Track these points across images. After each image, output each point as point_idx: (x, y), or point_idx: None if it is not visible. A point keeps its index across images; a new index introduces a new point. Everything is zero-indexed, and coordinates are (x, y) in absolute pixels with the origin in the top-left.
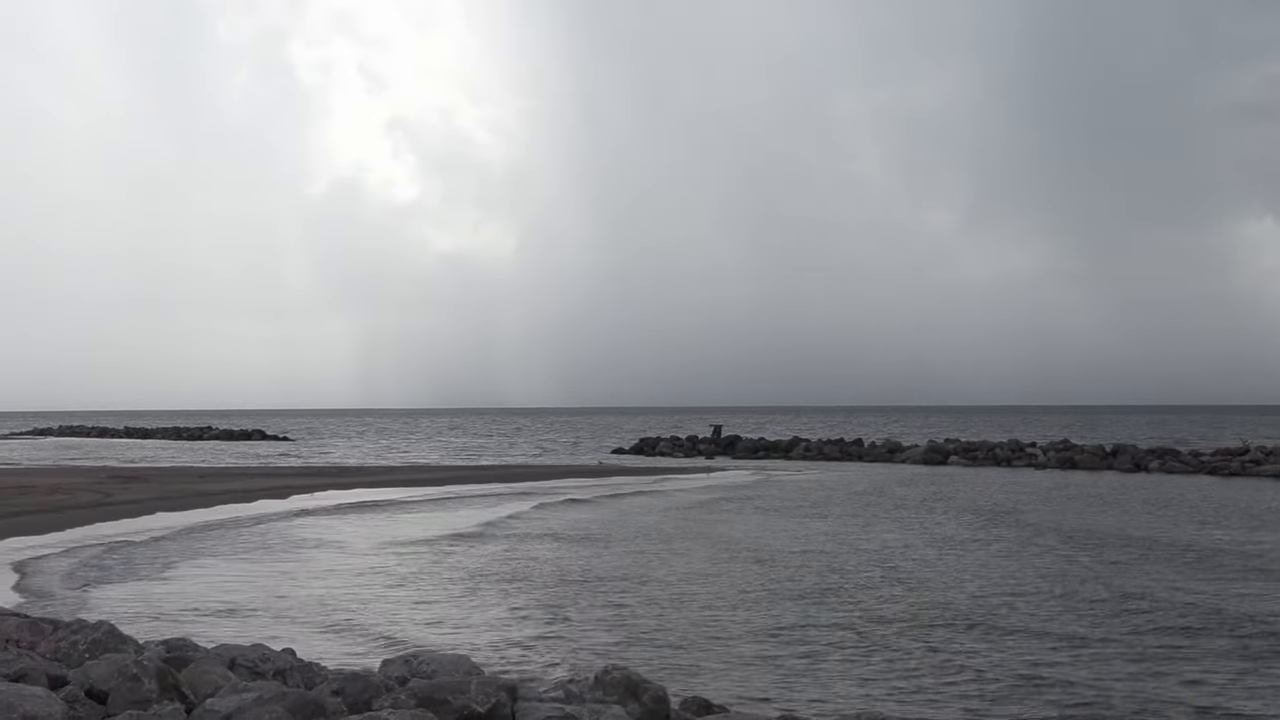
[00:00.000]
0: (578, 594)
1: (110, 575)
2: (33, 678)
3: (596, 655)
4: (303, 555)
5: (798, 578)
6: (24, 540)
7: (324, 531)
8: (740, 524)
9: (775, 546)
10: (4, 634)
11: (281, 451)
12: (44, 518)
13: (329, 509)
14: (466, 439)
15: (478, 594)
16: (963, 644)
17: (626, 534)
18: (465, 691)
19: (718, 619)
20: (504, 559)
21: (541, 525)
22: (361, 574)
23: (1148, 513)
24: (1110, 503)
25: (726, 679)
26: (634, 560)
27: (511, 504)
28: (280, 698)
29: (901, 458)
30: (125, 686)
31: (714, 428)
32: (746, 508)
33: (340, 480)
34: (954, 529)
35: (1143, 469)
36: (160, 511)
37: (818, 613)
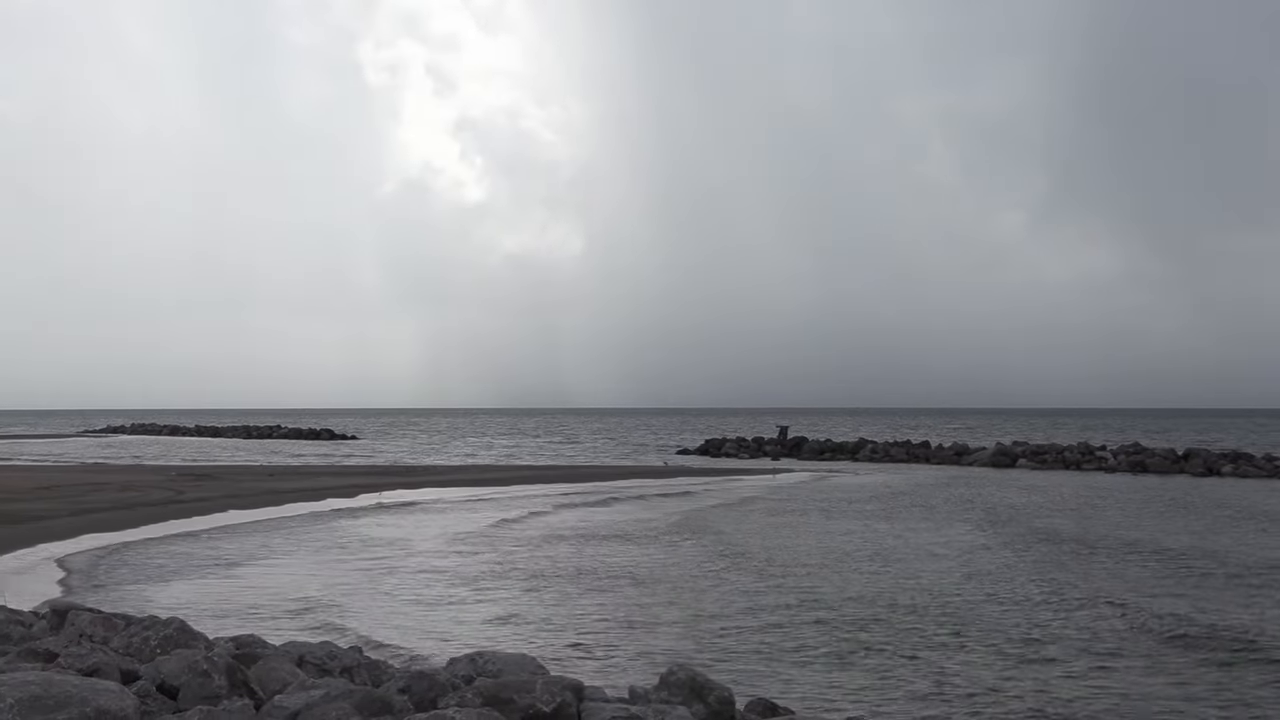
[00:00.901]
0: (643, 595)
1: (180, 572)
2: (106, 672)
3: (662, 656)
4: (369, 554)
5: (871, 583)
6: (97, 537)
7: (391, 530)
8: (808, 526)
9: (845, 550)
10: (78, 629)
11: (349, 450)
12: (116, 515)
13: (396, 508)
14: (531, 439)
15: (543, 593)
16: (1058, 656)
17: (692, 535)
18: (530, 691)
19: (786, 621)
20: (569, 559)
21: (607, 526)
22: (427, 573)
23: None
24: (1187, 508)
25: (793, 682)
26: (700, 562)
27: (577, 504)
28: (347, 695)
29: (969, 460)
30: (196, 682)
31: (780, 429)
32: (812, 510)
33: (407, 479)
34: (1023, 533)
35: (1215, 473)
36: (230, 510)
37: (891, 618)
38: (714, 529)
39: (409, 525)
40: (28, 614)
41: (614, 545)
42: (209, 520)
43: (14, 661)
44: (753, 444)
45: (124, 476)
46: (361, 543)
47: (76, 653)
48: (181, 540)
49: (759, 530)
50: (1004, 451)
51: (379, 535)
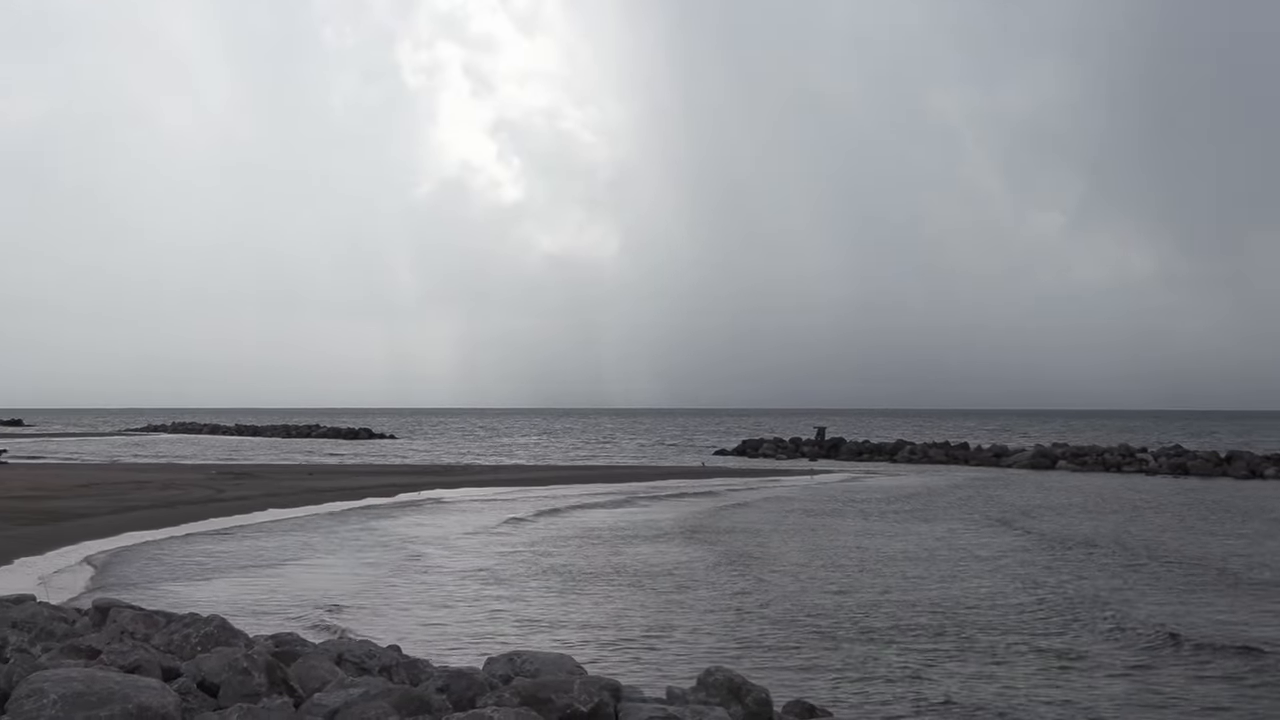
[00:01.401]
0: (681, 595)
1: (220, 569)
2: (147, 669)
3: (700, 656)
4: (408, 553)
5: (912, 587)
6: (138, 535)
7: (429, 529)
8: (847, 528)
9: (885, 552)
10: (120, 626)
11: (387, 450)
12: (157, 513)
13: (435, 507)
14: (568, 439)
15: (581, 593)
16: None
17: (730, 536)
18: (568, 690)
19: (825, 623)
20: (607, 559)
21: (645, 526)
22: (465, 572)
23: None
24: (1230, 511)
25: (831, 684)
26: (738, 563)
27: (615, 504)
28: (386, 694)
29: (1008, 462)
30: (236, 680)
31: (818, 429)
32: (851, 511)
33: (445, 479)
34: (1066, 536)
35: (1258, 475)
36: (270, 508)
37: (931, 622)
38: (752, 530)
39: (447, 524)
40: (70, 611)
41: (652, 545)
42: (249, 519)
43: (57, 658)
44: (790, 445)
45: (164, 475)
46: (400, 541)
47: (118, 650)
48: (221, 538)
49: (797, 531)
50: (1044, 453)
51: (417, 534)
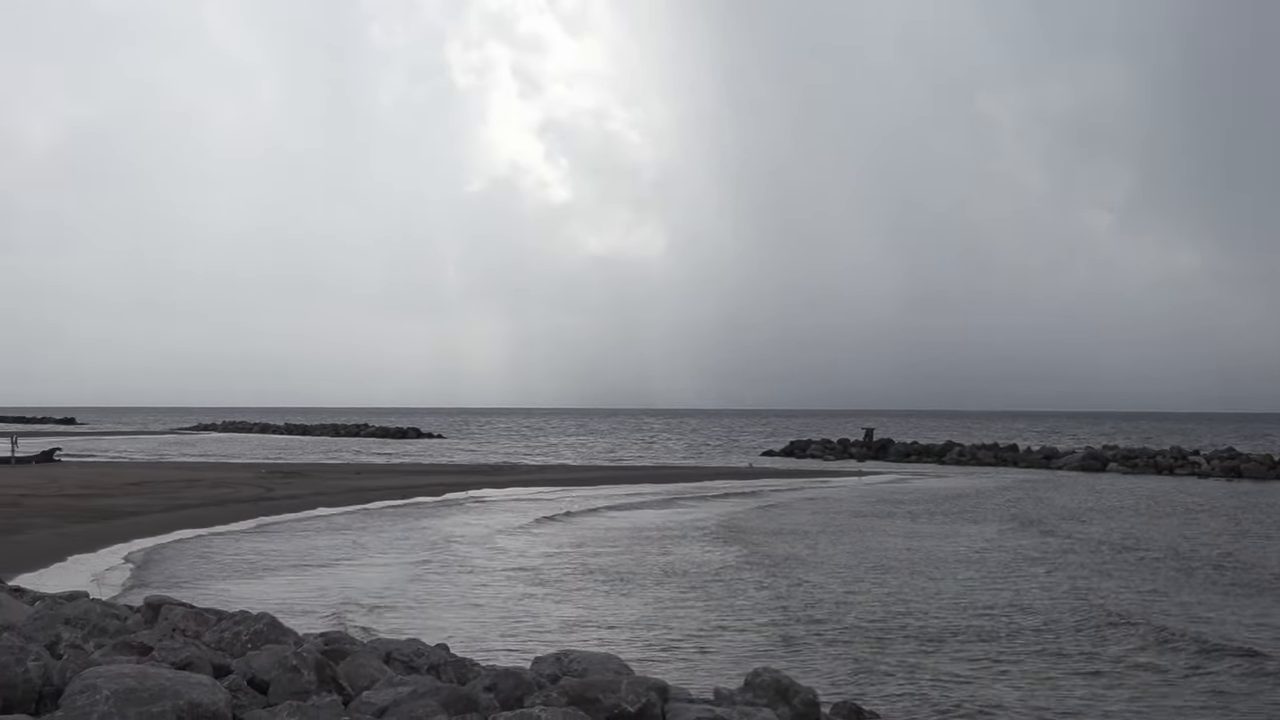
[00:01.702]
0: (728, 596)
1: (270, 567)
2: (198, 666)
3: (746, 657)
4: (455, 552)
5: (962, 590)
6: (189, 533)
7: (476, 529)
8: (895, 530)
9: (935, 554)
10: (171, 623)
11: (435, 449)
12: (207, 511)
13: (481, 507)
14: (616, 439)
15: (627, 593)
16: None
17: (777, 537)
18: (616, 690)
19: (872, 625)
20: (654, 559)
21: (692, 526)
22: (513, 571)
23: None
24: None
25: (879, 686)
26: (785, 564)
27: (662, 504)
28: (434, 692)
29: (1058, 464)
30: (285, 677)
31: (866, 431)
32: (900, 513)
33: (493, 479)
34: (1120, 540)
35: None
36: (319, 507)
37: (979, 625)
38: (799, 531)
39: (493, 524)
40: (122, 607)
41: (698, 546)
42: (298, 517)
43: (110, 654)
44: (838, 446)
45: (214, 473)
46: (447, 541)
47: (170, 646)
48: (271, 536)
49: (845, 533)
50: (1094, 456)
51: (464, 534)
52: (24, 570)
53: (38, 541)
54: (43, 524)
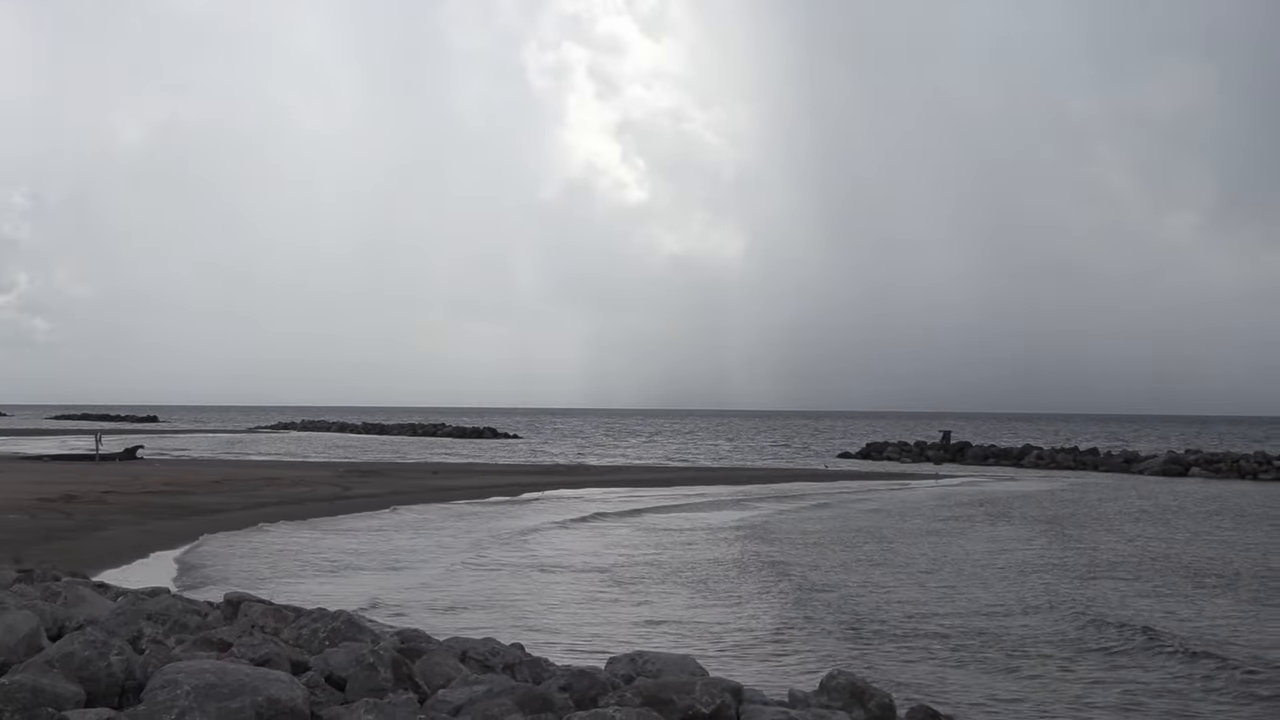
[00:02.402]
0: (805, 597)
1: (346, 565)
2: (277, 663)
3: (823, 660)
4: (531, 552)
5: (1043, 595)
6: (268, 530)
7: (553, 530)
8: (974, 533)
9: (1015, 559)
10: (250, 619)
11: (512, 450)
12: (286, 509)
13: (559, 507)
14: (692, 440)
15: (704, 594)
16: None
17: (853, 539)
18: (690, 692)
19: (950, 629)
20: (729, 560)
21: (768, 528)
22: (586, 571)
23: None
24: None
25: (955, 690)
26: (862, 566)
27: (739, 505)
28: (509, 691)
29: (1139, 468)
30: (362, 675)
31: (943, 433)
32: (978, 516)
33: (568, 479)
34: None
35: None
36: (396, 506)
37: (1059, 629)
38: (876, 534)
39: (569, 524)
40: (202, 604)
41: (773, 547)
42: (375, 516)
43: (190, 650)
44: (915, 448)
45: (294, 472)
46: (523, 541)
47: (249, 643)
48: (348, 535)
49: (923, 536)
50: (1176, 460)
51: (540, 533)
52: (107, 566)
53: (121, 538)
54: (126, 520)
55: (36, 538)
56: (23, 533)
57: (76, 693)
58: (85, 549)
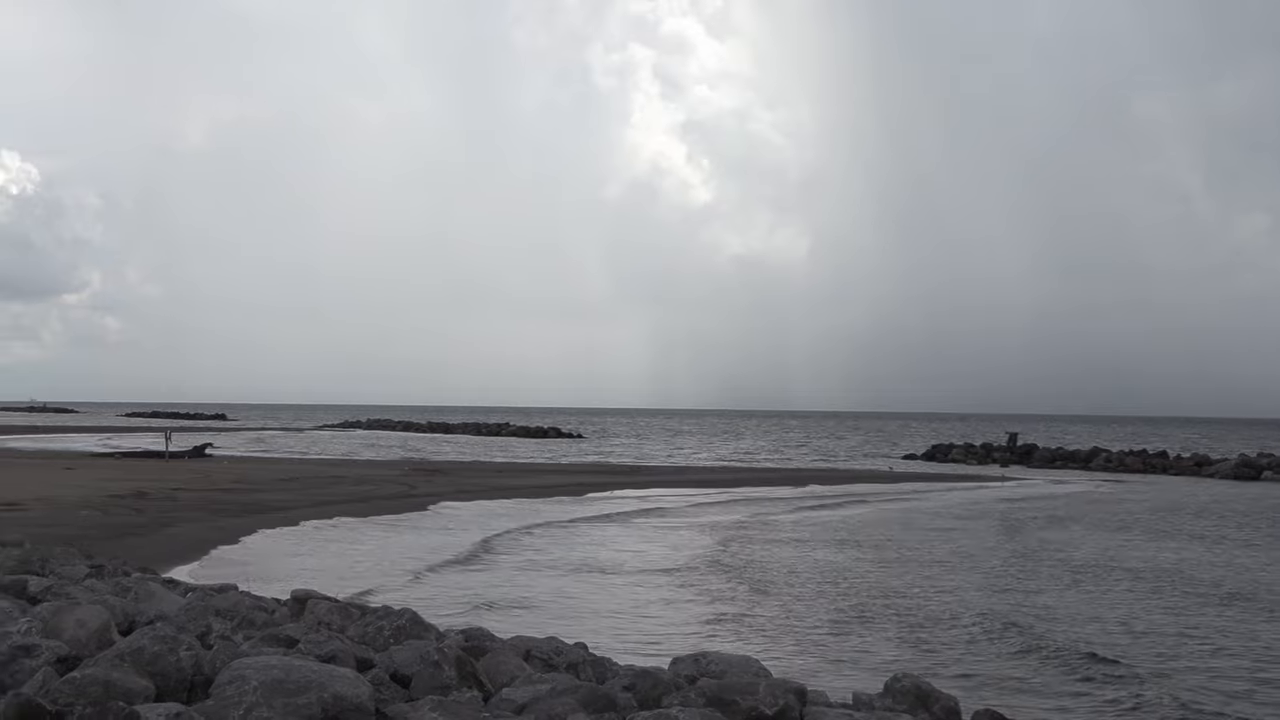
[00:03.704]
0: (869, 600)
1: (412, 563)
2: (342, 660)
3: (887, 663)
4: (593, 551)
5: (1120, 602)
6: (335, 528)
7: (617, 529)
8: (1046, 538)
9: (1089, 563)
10: (317, 616)
11: (576, 449)
12: (353, 507)
13: (622, 507)
14: (755, 441)
15: (768, 595)
16: None
17: (921, 542)
18: (754, 693)
19: (1018, 635)
20: (793, 562)
21: (834, 529)
22: (649, 571)
23: None
24: None
25: (1023, 696)
26: (929, 569)
27: (802, 507)
28: (573, 690)
29: (1209, 472)
30: (427, 672)
31: (1009, 435)
32: (1046, 519)
33: (633, 479)
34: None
35: None
36: (459, 503)
37: (1131, 635)
38: (939, 534)
39: (632, 524)
40: (270, 600)
41: (836, 549)
42: (439, 514)
43: (258, 646)
44: (980, 450)
45: (359, 470)
46: (586, 541)
47: (315, 639)
48: (411, 533)
49: (991, 537)
50: (1248, 464)
51: (603, 534)
52: (177, 562)
53: (191, 534)
54: (196, 517)
55: (108, 534)
56: (95, 529)
57: (146, 687)
58: (155, 545)
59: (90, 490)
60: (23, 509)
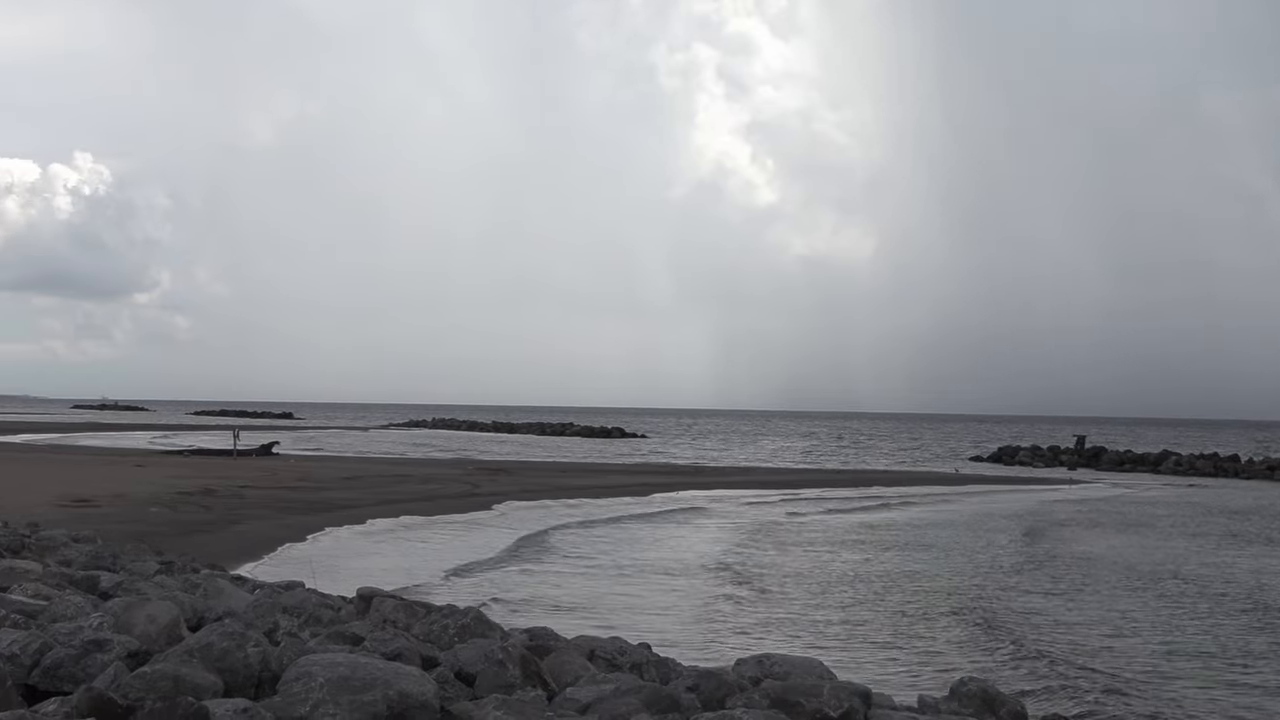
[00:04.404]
0: (932, 602)
1: (474, 562)
2: (408, 658)
3: (952, 666)
4: (657, 551)
5: (1189, 611)
6: (399, 526)
7: (678, 529)
8: (1118, 542)
9: (1162, 569)
10: (382, 614)
11: (640, 449)
12: (417, 505)
13: (686, 508)
14: (819, 442)
15: (828, 595)
16: None
17: (988, 545)
18: (818, 695)
19: (1086, 639)
20: (859, 564)
21: (901, 531)
22: (712, 571)
23: None
24: None
25: (1090, 702)
26: (997, 573)
27: (868, 508)
28: (637, 690)
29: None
30: (492, 671)
31: (1077, 438)
32: (1113, 523)
33: (697, 479)
34: None
35: None
36: (523, 503)
37: (1204, 644)
38: (1006, 538)
39: (696, 524)
40: (336, 598)
41: (899, 551)
42: (502, 513)
43: (324, 643)
44: (1048, 453)
45: (424, 469)
46: (650, 541)
47: (381, 637)
48: (476, 532)
49: (1059, 541)
50: None
51: (667, 533)
52: (245, 559)
53: (258, 531)
54: (262, 515)
55: (177, 530)
56: (164, 525)
57: (215, 683)
58: (223, 542)
59: (160, 487)
60: (95, 505)
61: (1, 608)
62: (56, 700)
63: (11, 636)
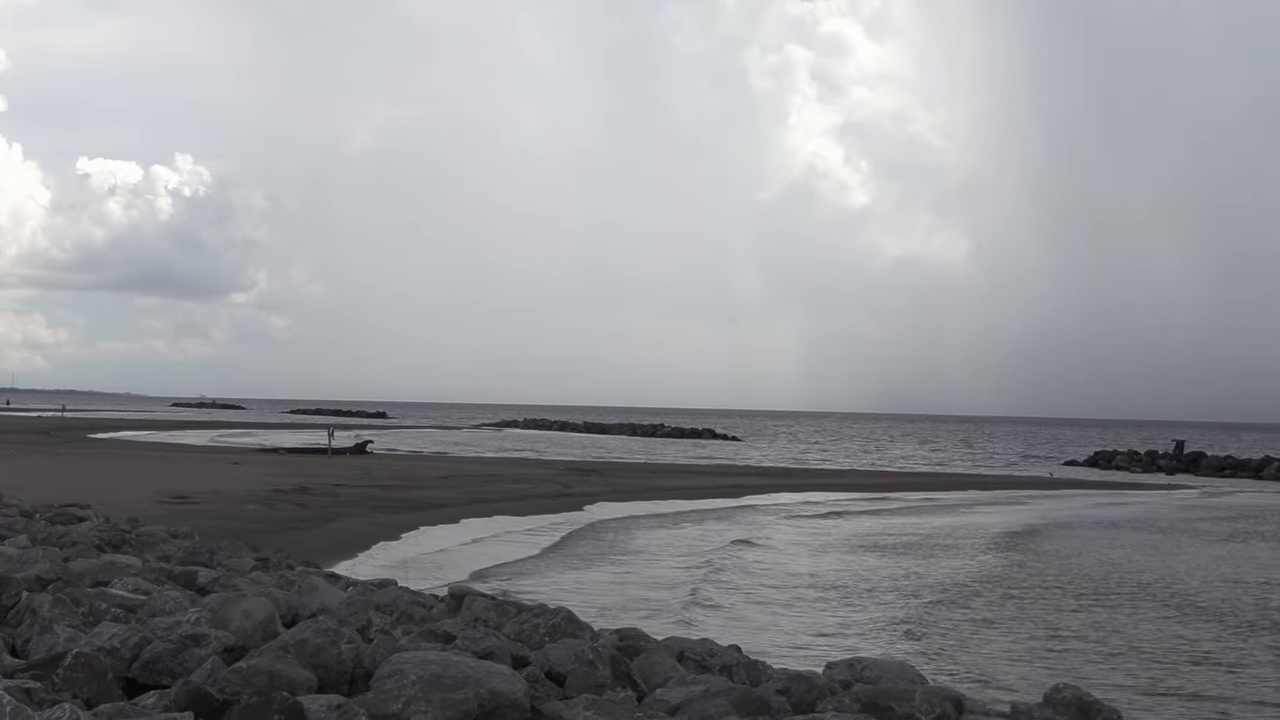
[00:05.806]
0: (1029, 608)
1: (566, 562)
2: (499, 656)
3: (1046, 672)
4: (747, 553)
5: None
6: (491, 526)
7: (767, 530)
8: (1224, 552)
9: (1262, 578)
10: (473, 613)
11: (731, 451)
12: (509, 505)
13: (775, 510)
14: (912, 445)
15: (922, 600)
16: None
17: (1085, 550)
18: (910, 700)
19: (1180, 648)
20: (952, 568)
21: (993, 535)
22: (801, 574)
23: None
24: None
25: (1189, 712)
26: (1092, 578)
27: (962, 511)
28: (727, 692)
29: None
30: (581, 671)
31: (1176, 443)
32: (1213, 531)
33: (786, 482)
34: None
35: None
36: (614, 503)
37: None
38: (1105, 544)
39: (786, 527)
40: (428, 596)
41: (993, 555)
42: (594, 514)
43: (416, 641)
44: (1145, 458)
45: (516, 469)
46: (740, 543)
47: (472, 636)
48: (565, 531)
49: (1156, 551)
50: None
51: (757, 535)
52: (339, 557)
53: (351, 530)
54: (356, 513)
55: (272, 528)
56: (260, 523)
57: (309, 678)
58: (318, 539)
59: (256, 485)
60: (193, 502)
61: (103, 602)
62: (155, 693)
63: (112, 630)
